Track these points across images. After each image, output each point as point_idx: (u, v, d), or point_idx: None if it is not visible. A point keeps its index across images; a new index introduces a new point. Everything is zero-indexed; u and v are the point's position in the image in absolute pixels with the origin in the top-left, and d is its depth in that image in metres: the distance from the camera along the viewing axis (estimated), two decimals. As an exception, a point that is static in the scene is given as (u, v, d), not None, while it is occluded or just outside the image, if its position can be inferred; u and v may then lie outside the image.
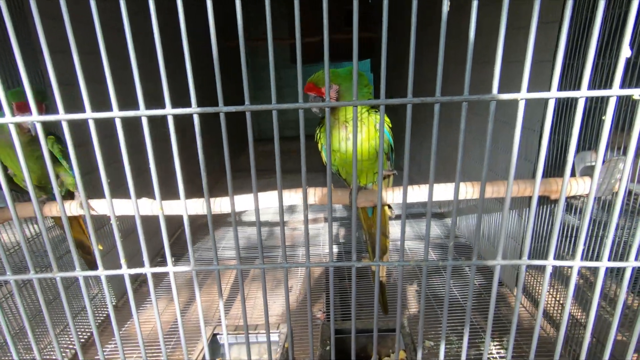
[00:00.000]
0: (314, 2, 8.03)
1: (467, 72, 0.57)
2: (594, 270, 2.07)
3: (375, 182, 1.52)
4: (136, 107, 0.62)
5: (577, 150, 1.81)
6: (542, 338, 2.31)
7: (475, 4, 0.53)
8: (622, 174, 0.70)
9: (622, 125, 1.49)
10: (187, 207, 0.73)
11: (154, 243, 3.35)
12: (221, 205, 1.45)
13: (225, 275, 3.13)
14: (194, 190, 4.28)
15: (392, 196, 1.44)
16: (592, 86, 1.76)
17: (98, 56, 0.57)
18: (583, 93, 0.58)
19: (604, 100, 1.69)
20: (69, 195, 1.57)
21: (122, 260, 0.71)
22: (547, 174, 2.11)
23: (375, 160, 1.45)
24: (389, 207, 1.61)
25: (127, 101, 0.68)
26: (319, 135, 1.53)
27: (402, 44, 4.88)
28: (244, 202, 1.49)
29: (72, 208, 1.40)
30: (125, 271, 0.73)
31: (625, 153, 1.49)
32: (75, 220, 1.61)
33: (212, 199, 1.48)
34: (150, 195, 1.48)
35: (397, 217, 3.95)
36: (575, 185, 1.46)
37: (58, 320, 2.34)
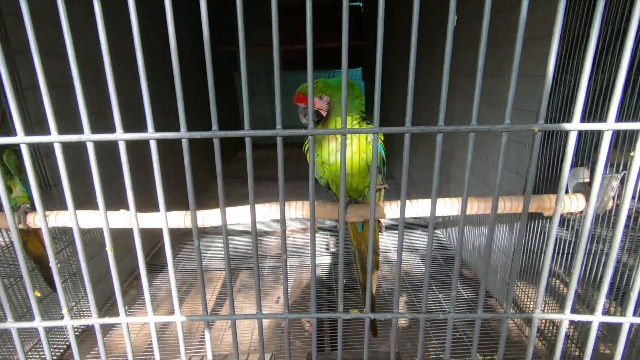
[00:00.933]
0: (304, 8, 8.03)
1: (475, 102, 0.52)
2: (590, 289, 2.04)
3: (366, 196, 1.46)
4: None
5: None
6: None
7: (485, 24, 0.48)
8: (624, 193, 0.66)
9: (615, 142, 1.47)
10: (167, 219, 0.65)
11: (135, 255, 3.23)
12: (204, 219, 1.38)
13: (211, 283, 3.03)
14: (178, 200, 4.18)
15: (385, 211, 1.39)
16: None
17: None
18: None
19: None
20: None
21: (64, 310, 0.63)
22: (538, 190, 2.09)
23: (366, 174, 1.40)
24: (379, 221, 1.56)
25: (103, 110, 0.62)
26: (307, 145, 1.48)
27: (391, 52, 4.89)
28: (231, 216, 1.42)
29: (36, 220, 1.30)
30: (68, 322, 0.64)
31: (618, 171, 1.47)
32: (33, 233, 1.50)
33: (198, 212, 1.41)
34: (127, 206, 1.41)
35: (389, 227, 3.91)
36: (569, 202, 1.43)
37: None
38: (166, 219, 0.61)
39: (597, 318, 0.58)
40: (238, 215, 1.40)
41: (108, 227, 0.63)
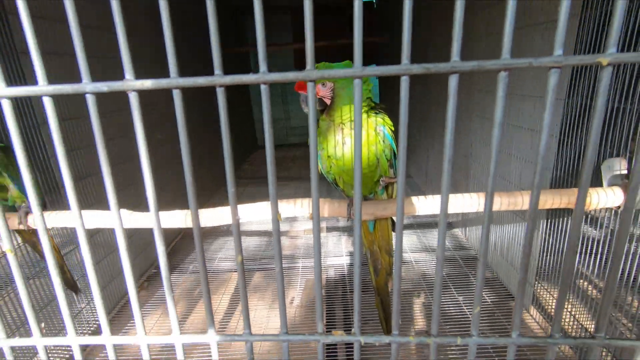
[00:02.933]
0: (316, 7, 8.00)
1: (507, 26, 0.38)
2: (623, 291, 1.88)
3: (377, 192, 1.36)
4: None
5: (603, 157, 1.64)
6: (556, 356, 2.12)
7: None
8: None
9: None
10: (158, 219, 0.57)
11: (148, 252, 3.22)
12: (207, 217, 1.31)
13: (223, 284, 2.98)
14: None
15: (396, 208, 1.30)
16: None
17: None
18: None
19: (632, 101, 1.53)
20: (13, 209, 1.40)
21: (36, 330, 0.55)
22: (566, 184, 1.94)
23: (376, 168, 1.30)
24: (391, 219, 1.46)
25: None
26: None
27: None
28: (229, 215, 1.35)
29: (30, 221, 1.26)
30: (38, 342, 0.56)
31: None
32: (35, 237, 1.45)
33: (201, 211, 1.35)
34: (137, 208, 1.35)
35: (404, 227, 3.78)
36: (604, 197, 1.29)
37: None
38: (157, 219, 0.53)
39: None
40: (245, 213, 1.32)
41: (122, 227, 0.55)
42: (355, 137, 0.44)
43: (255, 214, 1.35)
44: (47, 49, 2.11)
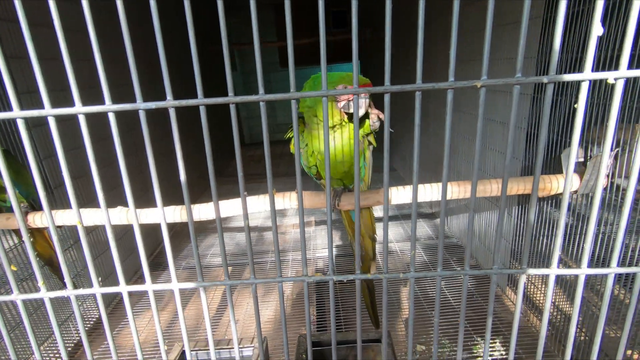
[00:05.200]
0: (302, 5, 8.06)
1: (485, 54, 0.51)
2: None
3: (361, 180, 1.47)
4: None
5: (564, 147, 1.79)
6: (532, 334, 2.28)
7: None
8: (601, 168, 0.67)
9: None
10: (164, 214, 0.66)
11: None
12: (200, 212, 1.40)
13: (218, 278, 3.06)
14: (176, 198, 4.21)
15: (379, 196, 1.40)
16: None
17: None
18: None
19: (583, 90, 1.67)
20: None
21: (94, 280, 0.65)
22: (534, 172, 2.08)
23: (360, 158, 1.41)
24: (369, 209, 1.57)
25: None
26: (300, 137, 1.49)
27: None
28: (225, 209, 1.44)
29: (36, 220, 1.33)
30: (97, 290, 0.66)
31: (613, 148, 1.47)
32: (40, 235, 1.52)
33: (193, 206, 1.42)
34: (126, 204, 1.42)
35: (390, 218, 3.93)
36: (562, 182, 1.44)
37: (41, 335, 2.25)
38: (163, 213, 0.62)
39: (583, 271, 0.60)
40: (233, 208, 1.41)
41: (109, 222, 0.64)
42: (323, 135, 0.54)
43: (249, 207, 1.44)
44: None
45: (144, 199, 3.34)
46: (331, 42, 7.76)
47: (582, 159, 1.52)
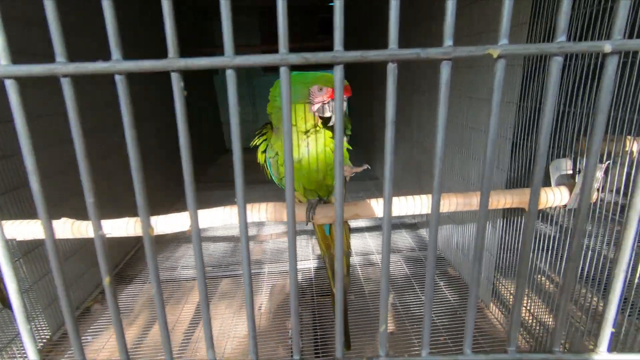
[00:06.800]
0: (288, 10, 8.00)
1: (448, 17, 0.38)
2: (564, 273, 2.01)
3: (334, 194, 1.35)
4: None
5: (551, 158, 1.72)
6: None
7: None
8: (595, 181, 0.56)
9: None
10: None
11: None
12: (157, 224, 1.24)
13: (188, 294, 2.86)
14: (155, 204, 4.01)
15: (366, 208, 1.28)
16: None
17: None
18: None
19: (579, 104, 1.61)
20: None
21: None
22: (520, 184, 2.02)
23: (332, 169, 1.29)
24: (346, 222, 1.45)
25: None
26: (263, 143, 1.35)
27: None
28: (186, 222, 1.29)
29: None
30: None
31: (602, 160, 1.39)
32: None
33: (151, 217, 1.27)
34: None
35: (371, 228, 3.82)
36: (552, 196, 1.35)
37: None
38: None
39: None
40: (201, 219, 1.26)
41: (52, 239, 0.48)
42: (285, 128, 0.41)
43: (212, 220, 1.29)
44: None
45: (112, 208, 3.12)
46: (316, 48, 7.71)
47: (570, 172, 1.44)
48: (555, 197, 1.34)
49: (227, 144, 8.61)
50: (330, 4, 7.87)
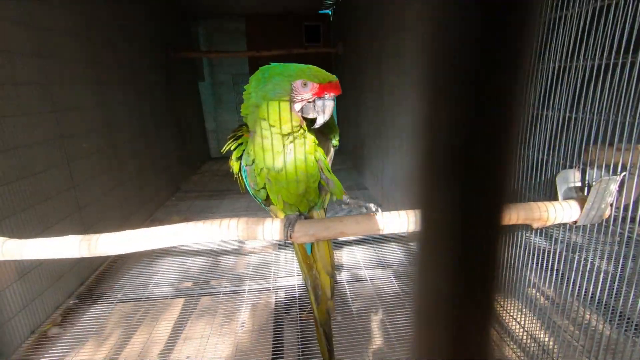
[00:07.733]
0: (272, 19, 7.92)
1: None
2: (561, 293, 1.88)
3: (316, 208, 1.17)
4: None
5: (555, 168, 1.57)
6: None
7: None
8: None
9: (611, 138, 1.26)
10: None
11: (63, 282, 2.78)
12: (97, 245, 1.04)
13: (163, 311, 2.63)
14: (118, 218, 3.77)
15: (344, 226, 1.11)
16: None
17: None
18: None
19: (583, 110, 1.48)
20: None
21: None
22: (520, 197, 1.88)
23: (318, 177, 1.11)
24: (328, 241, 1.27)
25: None
26: (238, 148, 1.17)
27: (358, 58, 4.70)
28: (137, 241, 1.09)
29: None
30: None
31: (616, 172, 1.26)
32: None
33: (91, 236, 1.07)
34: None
35: (360, 242, 3.64)
36: (561, 211, 1.20)
37: None
38: None
39: None
40: (146, 239, 1.07)
41: None
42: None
43: (167, 240, 1.10)
44: None
45: (74, 218, 2.88)
46: (304, 56, 7.62)
47: (579, 184, 1.30)
48: (564, 212, 1.19)
49: (212, 152, 8.38)
50: (320, 11, 7.80)
